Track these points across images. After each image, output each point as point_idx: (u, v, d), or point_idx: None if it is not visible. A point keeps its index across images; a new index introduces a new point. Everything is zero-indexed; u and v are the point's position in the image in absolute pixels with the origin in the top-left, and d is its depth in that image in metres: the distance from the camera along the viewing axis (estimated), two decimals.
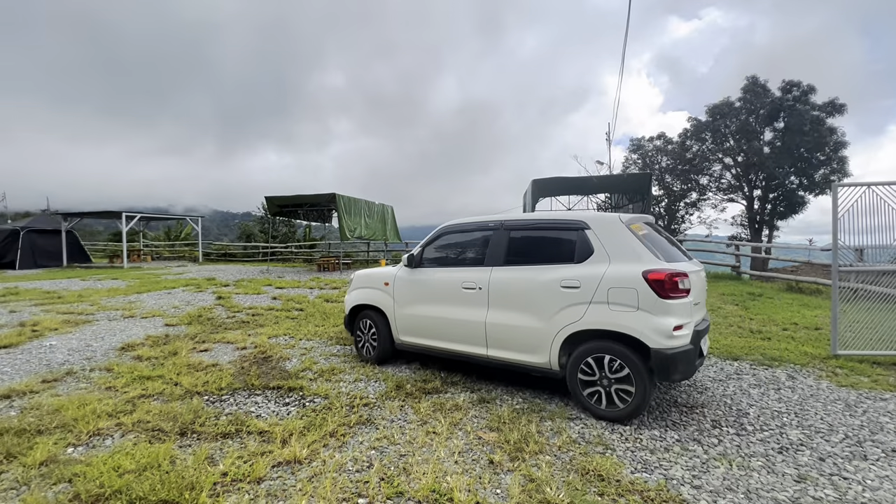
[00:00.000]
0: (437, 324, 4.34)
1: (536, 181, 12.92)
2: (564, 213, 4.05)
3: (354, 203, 16.42)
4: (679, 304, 3.22)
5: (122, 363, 4.72)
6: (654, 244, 3.55)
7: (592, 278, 3.44)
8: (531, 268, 3.81)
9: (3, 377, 4.30)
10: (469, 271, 4.18)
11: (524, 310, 3.76)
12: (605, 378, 3.35)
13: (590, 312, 3.41)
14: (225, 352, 5.25)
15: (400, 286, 4.68)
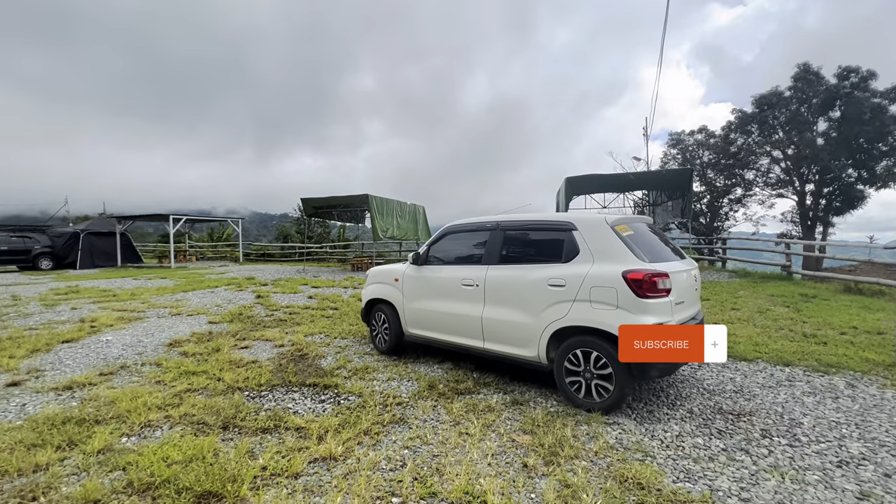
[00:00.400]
0: (440, 318, 4.63)
1: (570, 179, 12.66)
2: (554, 215, 4.27)
3: (387, 203, 16.64)
4: (657, 304, 3.32)
5: (170, 358, 4.97)
6: (641, 245, 3.65)
7: (577, 277, 3.57)
8: (522, 266, 4.03)
9: (66, 369, 4.62)
10: (468, 269, 4.41)
11: (515, 306, 3.96)
12: (588, 372, 3.50)
13: (574, 310, 3.55)
14: (264, 349, 5.44)
15: (408, 282, 4.96)
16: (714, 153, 24.57)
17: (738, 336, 5.80)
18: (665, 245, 4.08)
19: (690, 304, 3.83)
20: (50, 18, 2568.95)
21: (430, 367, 4.69)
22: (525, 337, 3.86)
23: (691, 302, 3.85)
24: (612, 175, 14.83)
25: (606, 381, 3.42)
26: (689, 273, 3.85)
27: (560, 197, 13.86)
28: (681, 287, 3.59)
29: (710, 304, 8.23)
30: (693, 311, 3.89)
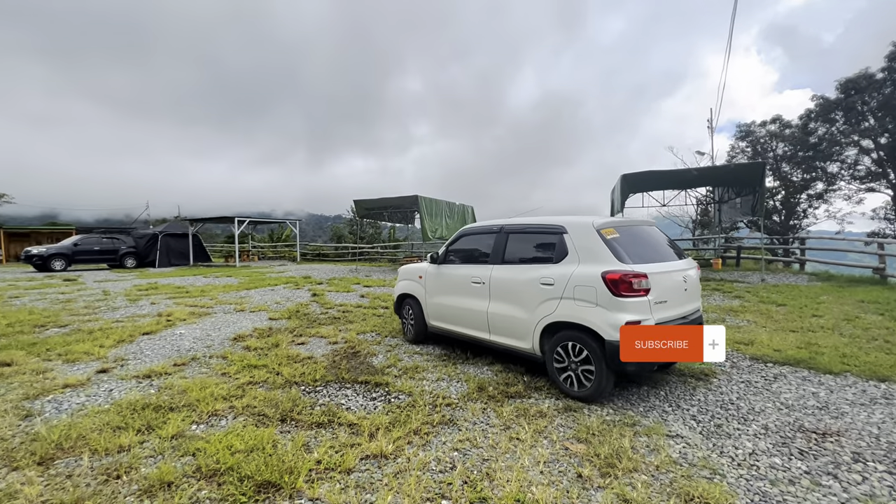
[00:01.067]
0: (455, 311, 5.07)
1: (626, 176, 12.08)
2: (549, 219, 4.44)
3: (436, 204, 16.79)
4: (633, 302, 3.50)
5: (234, 352, 5.30)
6: (629, 247, 3.84)
7: (564, 277, 3.86)
8: (520, 266, 4.39)
9: (146, 359, 5.06)
10: (477, 268, 4.83)
11: (514, 302, 4.32)
12: (573, 363, 3.77)
13: (561, 306, 3.85)
14: (319, 345, 5.65)
15: (429, 279, 5.48)
16: (790, 145, 22.52)
17: (821, 346, 5.24)
18: (664, 247, 4.29)
19: (678, 304, 3.93)
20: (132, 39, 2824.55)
21: (480, 368, 4.64)
22: (522, 330, 4.19)
23: (679, 302, 3.95)
24: (673, 171, 13.98)
25: (589, 372, 3.68)
26: (679, 274, 3.99)
27: (615, 195, 13.27)
28: (663, 287, 3.74)
29: (786, 309, 7.51)
30: (683, 310, 3.98)
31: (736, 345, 5.40)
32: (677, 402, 3.73)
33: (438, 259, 5.40)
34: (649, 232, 4.40)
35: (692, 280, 4.17)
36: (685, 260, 4.32)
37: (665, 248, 4.29)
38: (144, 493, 2.39)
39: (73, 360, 4.96)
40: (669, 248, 4.34)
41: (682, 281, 4.01)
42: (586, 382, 3.69)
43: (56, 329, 6.65)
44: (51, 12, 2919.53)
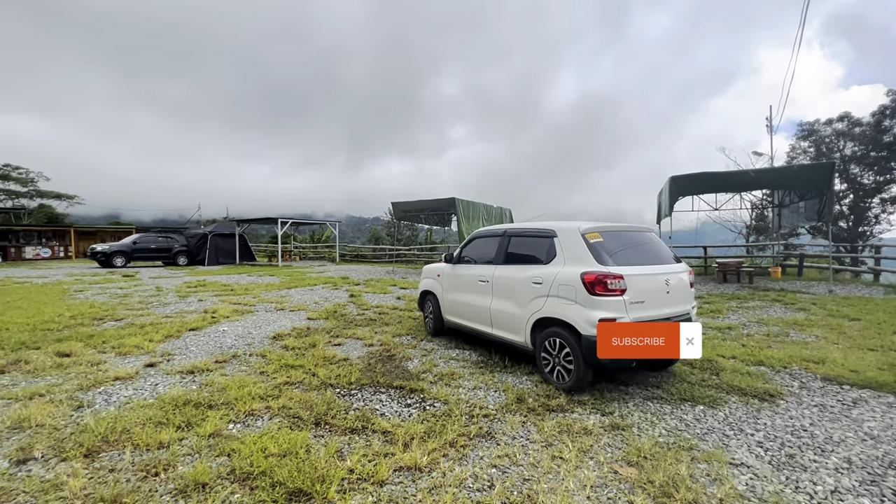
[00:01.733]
0: (465, 307, 5.51)
1: (675, 178, 11.44)
2: (543, 224, 4.83)
3: (473, 207, 16.63)
4: (609, 301, 3.78)
5: (273, 351, 5.36)
6: (613, 250, 4.13)
7: (551, 276, 4.20)
8: (517, 267, 4.78)
9: (190, 355, 5.21)
10: (484, 268, 5.24)
11: (511, 299, 4.68)
12: (557, 356, 4.09)
13: (547, 303, 4.19)
14: (355, 347, 5.63)
15: (445, 278, 5.98)
16: (860, 144, 20.69)
17: None
18: (655, 253, 4.51)
19: (658, 306, 4.10)
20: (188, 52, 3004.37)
21: (518, 378, 4.43)
22: (516, 325, 4.54)
23: (659, 303, 4.12)
24: (727, 173, 13.10)
25: (570, 364, 3.97)
26: (661, 278, 4.18)
27: (663, 198, 12.60)
28: (641, 289, 3.95)
29: (861, 325, 6.79)
30: (663, 311, 4.12)
31: (804, 363, 4.89)
32: (739, 425, 3.37)
33: (454, 259, 5.90)
34: (642, 238, 4.65)
35: (677, 284, 4.32)
36: (677, 265, 4.52)
37: (656, 253, 4.52)
38: (180, 493, 2.38)
39: (124, 354, 5.19)
40: (661, 254, 4.56)
41: (664, 284, 4.18)
42: (566, 375, 4.01)
43: (112, 322, 7.03)
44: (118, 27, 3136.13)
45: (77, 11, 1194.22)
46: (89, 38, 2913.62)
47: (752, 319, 7.39)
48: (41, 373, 4.45)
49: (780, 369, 4.73)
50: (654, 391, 4.07)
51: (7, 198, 36.35)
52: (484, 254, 5.42)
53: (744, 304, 8.89)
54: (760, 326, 6.87)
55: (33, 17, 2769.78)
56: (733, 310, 8.35)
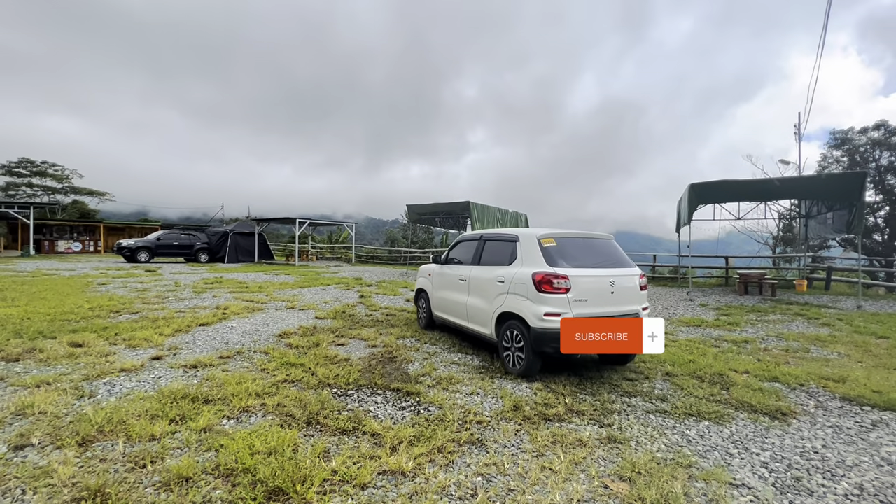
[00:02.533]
0: (448, 304, 6.10)
1: (695, 186, 11.12)
2: (510, 230, 5.39)
3: (488, 211, 16.55)
4: (554, 298, 4.30)
5: (277, 348, 5.41)
6: (566, 254, 4.64)
7: (511, 276, 4.76)
8: (487, 267, 5.31)
9: (197, 349, 5.30)
10: (464, 269, 5.83)
11: (481, 296, 5.25)
12: (513, 346, 4.62)
13: (507, 300, 4.73)
14: (358, 348, 5.63)
15: (434, 277, 6.59)
16: None
17: None
18: (607, 257, 4.96)
19: (601, 304, 4.52)
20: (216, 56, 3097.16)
21: (518, 385, 4.34)
22: (485, 319, 5.08)
23: (603, 303, 4.54)
24: (750, 181, 12.65)
25: (522, 353, 4.51)
26: (606, 279, 4.61)
27: (682, 206, 12.27)
28: (585, 289, 4.43)
29: (889, 343, 6.43)
30: (607, 310, 4.52)
31: (822, 381, 4.65)
32: (745, 443, 3.21)
33: (441, 260, 6.52)
34: (597, 243, 5.12)
35: (624, 286, 4.72)
36: (627, 269, 4.91)
37: (608, 257, 4.96)
38: (163, 486, 2.40)
39: (134, 346, 5.31)
40: (613, 258, 4.99)
41: (609, 285, 4.61)
42: (520, 362, 4.53)
43: (128, 315, 7.23)
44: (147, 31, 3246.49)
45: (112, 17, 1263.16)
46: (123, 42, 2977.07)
47: (772, 333, 7.09)
48: (53, 362, 4.59)
49: (795, 387, 4.50)
50: (658, 404, 3.93)
51: (43, 193, 38.02)
52: (465, 256, 6.00)
53: (764, 318, 8.55)
54: (779, 341, 6.58)
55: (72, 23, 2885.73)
56: (752, 323, 8.03)
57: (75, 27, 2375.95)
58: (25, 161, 37.03)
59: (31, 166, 37.19)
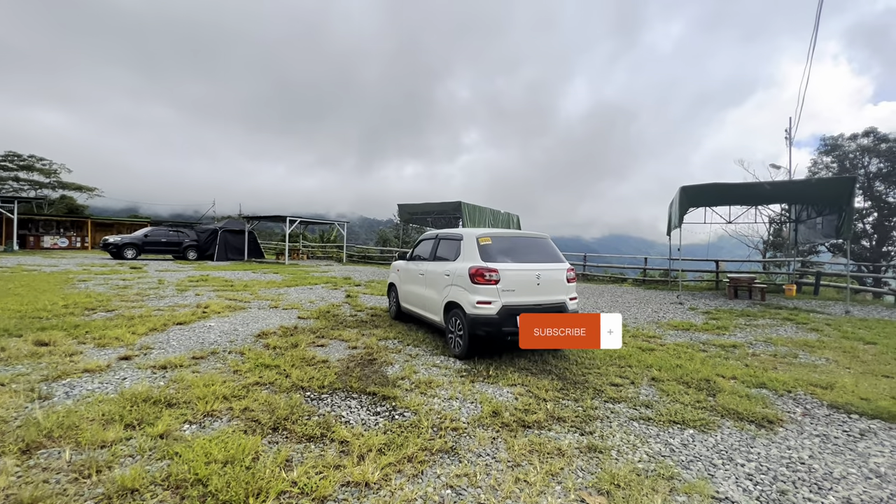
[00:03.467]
0: (411, 296, 6.73)
1: (686, 189, 11.07)
2: (456, 230, 6.08)
3: (479, 211, 16.43)
4: (485, 288, 4.91)
5: (253, 349, 5.23)
6: (499, 251, 5.26)
7: (454, 270, 5.37)
8: (439, 263, 5.91)
9: (169, 349, 5.10)
10: (423, 264, 6.43)
11: (434, 288, 5.85)
12: (456, 331, 5.21)
13: (451, 291, 5.34)
14: (337, 349, 5.46)
15: (401, 272, 7.24)
16: (886, 161, 19.92)
17: None
18: (538, 254, 5.56)
19: (528, 294, 5.14)
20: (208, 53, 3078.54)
21: (500, 389, 4.20)
22: (437, 308, 5.68)
23: (529, 293, 5.15)
24: (741, 184, 12.61)
25: (461, 337, 5.11)
26: (533, 273, 5.22)
27: (673, 209, 12.23)
28: (513, 281, 5.03)
29: (877, 349, 6.37)
30: (533, 299, 5.16)
31: (810, 387, 4.55)
32: (730, 453, 3.09)
33: (407, 257, 7.21)
34: (531, 241, 5.80)
35: (550, 278, 5.32)
36: (556, 264, 5.50)
37: (539, 254, 5.57)
38: (105, 499, 2.22)
39: (103, 345, 5.11)
40: (544, 254, 5.59)
41: (535, 278, 5.21)
42: (459, 345, 5.14)
43: (103, 313, 7.00)
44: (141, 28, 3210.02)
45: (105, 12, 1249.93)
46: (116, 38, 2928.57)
47: (760, 338, 7.01)
48: (14, 361, 4.37)
49: (783, 393, 4.40)
50: (642, 410, 3.80)
51: (30, 188, 37.35)
52: (425, 253, 6.65)
53: (752, 322, 8.49)
54: (768, 346, 6.50)
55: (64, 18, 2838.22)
56: (741, 327, 7.96)
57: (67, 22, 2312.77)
58: (12, 155, 36.37)
59: (18, 160, 36.52)
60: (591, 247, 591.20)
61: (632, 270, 18.48)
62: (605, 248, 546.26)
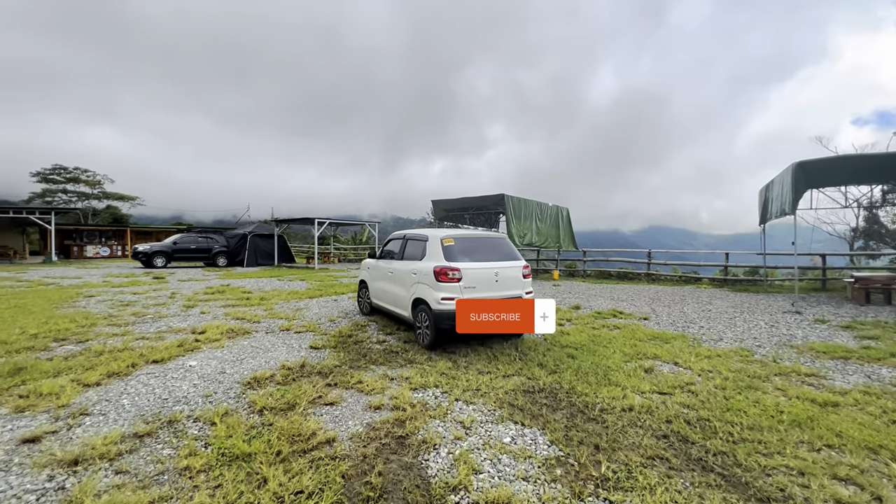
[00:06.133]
0: (381, 292, 7.11)
1: (805, 165, 8.55)
2: (422, 231, 6.51)
3: (525, 205, 14.37)
4: (448, 286, 5.36)
5: (231, 413, 3.54)
6: (461, 251, 5.69)
7: (420, 269, 5.80)
8: (407, 262, 6.36)
9: (110, 417, 3.48)
10: (391, 263, 6.86)
11: (402, 285, 6.31)
12: (423, 324, 5.64)
13: (418, 288, 5.78)
14: (353, 410, 3.67)
15: (371, 270, 7.53)
16: None
17: None
18: (497, 252, 5.99)
19: (488, 290, 5.56)
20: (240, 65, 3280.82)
21: None
22: (405, 304, 6.12)
23: (489, 289, 5.58)
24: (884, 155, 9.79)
25: (429, 330, 5.50)
26: (491, 271, 5.67)
27: (776, 192, 9.71)
28: (474, 278, 5.48)
29: None
30: (492, 294, 5.56)
31: None
32: None
33: (376, 256, 7.48)
34: (491, 242, 6.20)
35: (507, 275, 5.78)
36: (512, 262, 5.94)
37: (497, 253, 5.98)
38: None
39: (21, 409, 3.56)
40: (501, 253, 6.01)
41: (494, 275, 5.68)
42: (426, 338, 5.56)
43: (71, 346, 5.58)
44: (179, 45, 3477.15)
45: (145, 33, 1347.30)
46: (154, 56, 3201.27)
47: None
48: None
49: None
50: None
51: (78, 199, 38.53)
52: (392, 252, 6.95)
53: None
54: None
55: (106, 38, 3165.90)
56: None
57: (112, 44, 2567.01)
58: (59, 168, 37.59)
59: (65, 173, 37.71)
60: (631, 241, 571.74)
61: (702, 268, 15.80)
62: (647, 242, 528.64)
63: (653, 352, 5.59)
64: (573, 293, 11.71)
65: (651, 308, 9.27)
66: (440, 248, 5.63)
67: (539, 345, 5.85)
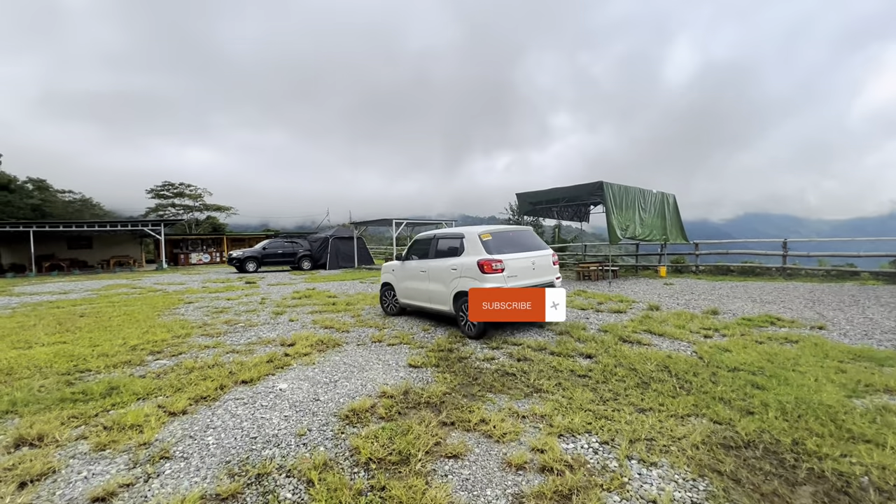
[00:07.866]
0: (411, 291, 7.44)
1: None
2: (456, 230, 7.18)
3: (626, 193, 12.63)
4: (493, 277, 5.84)
5: (332, 465, 2.74)
6: (498, 245, 6.24)
7: (461, 264, 6.27)
8: (443, 259, 6.76)
9: (194, 459, 2.85)
10: (422, 262, 7.23)
11: (440, 281, 6.67)
12: (467, 315, 5.74)
13: (460, 281, 6.20)
14: (487, 472, 2.68)
15: (398, 271, 7.89)
16: None
17: None
18: (527, 243, 6.66)
19: (527, 278, 6.21)
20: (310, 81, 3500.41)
21: None
22: (444, 298, 6.52)
23: (528, 276, 6.23)
24: None
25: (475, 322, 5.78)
26: (528, 260, 6.34)
27: None
28: (515, 268, 6.06)
29: None
30: (531, 281, 6.22)
31: None
32: None
33: (402, 258, 7.85)
34: (520, 234, 6.90)
35: (541, 263, 6.49)
36: (542, 251, 6.64)
37: (528, 244, 6.65)
38: None
39: (107, 445, 3.07)
40: (532, 244, 6.68)
41: (531, 264, 6.34)
42: (472, 329, 5.91)
43: (165, 360, 5.30)
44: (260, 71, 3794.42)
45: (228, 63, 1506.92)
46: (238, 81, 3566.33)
47: None
48: None
49: None
50: None
51: (184, 211, 42.77)
52: (422, 252, 7.39)
53: None
54: None
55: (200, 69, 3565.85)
56: None
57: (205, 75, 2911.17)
58: (168, 184, 41.96)
59: (172, 188, 42.03)
60: (723, 231, 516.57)
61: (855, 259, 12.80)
62: (743, 232, 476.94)
63: (879, 381, 3.96)
64: (696, 293, 9.87)
65: (817, 313, 7.29)
66: (479, 243, 6.18)
67: (698, 367, 4.47)
